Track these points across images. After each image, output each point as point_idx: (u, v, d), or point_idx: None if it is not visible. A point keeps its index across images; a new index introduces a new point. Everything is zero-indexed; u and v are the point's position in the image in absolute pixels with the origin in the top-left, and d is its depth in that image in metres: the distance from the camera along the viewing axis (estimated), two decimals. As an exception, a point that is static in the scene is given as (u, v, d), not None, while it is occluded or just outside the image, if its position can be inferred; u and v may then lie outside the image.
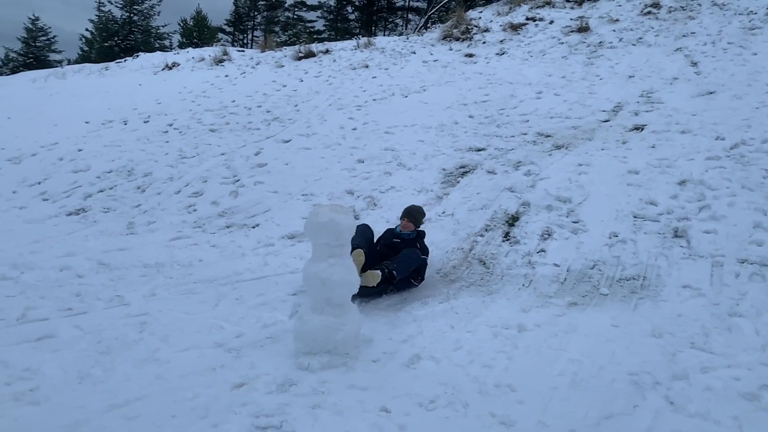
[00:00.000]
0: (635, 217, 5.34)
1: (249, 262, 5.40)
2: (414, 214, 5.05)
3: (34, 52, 48.23)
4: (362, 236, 4.71)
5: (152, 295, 4.47)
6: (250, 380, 3.13)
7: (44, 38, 49.81)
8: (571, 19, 12.15)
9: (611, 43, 10.63)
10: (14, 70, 36.68)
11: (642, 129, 7.16)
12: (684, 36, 10.20)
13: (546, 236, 5.28)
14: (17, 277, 4.85)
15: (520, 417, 2.80)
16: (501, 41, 11.94)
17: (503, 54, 11.26)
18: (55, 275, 4.96)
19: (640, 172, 6.05)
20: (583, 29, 11.41)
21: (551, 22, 12.26)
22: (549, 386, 3.10)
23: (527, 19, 12.68)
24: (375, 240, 5.06)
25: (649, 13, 11.56)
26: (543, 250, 5.07)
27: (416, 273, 4.73)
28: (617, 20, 11.60)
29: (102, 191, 7.49)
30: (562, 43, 11.12)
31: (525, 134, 7.67)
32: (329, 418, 2.73)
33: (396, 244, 4.84)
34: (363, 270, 4.42)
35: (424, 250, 4.88)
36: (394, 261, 4.57)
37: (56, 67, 20.81)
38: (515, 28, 12.33)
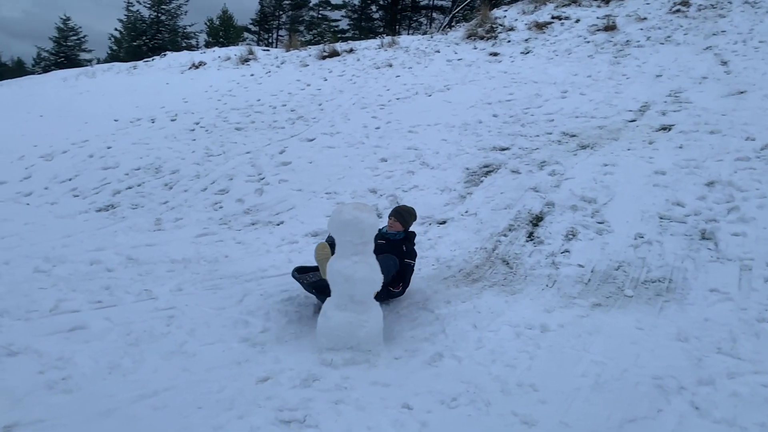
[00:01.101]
0: (661, 218, 5.27)
1: (273, 258, 5.46)
2: (402, 214, 4.70)
3: (65, 52, 49.32)
4: None
5: (179, 290, 4.55)
6: (275, 374, 3.19)
7: (75, 38, 50.91)
8: (597, 18, 12.01)
9: (639, 41, 10.48)
10: (46, 69, 37.55)
11: (669, 129, 7.06)
12: (714, 34, 10.01)
13: (570, 236, 5.24)
14: (50, 270, 4.99)
15: (542, 417, 2.80)
16: (526, 40, 11.86)
17: (528, 53, 11.19)
18: (86, 269, 5.08)
19: (667, 173, 5.96)
20: (610, 28, 11.27)
21: (577, 21, 12.14)
22: (572, 387, 3.09)
23: (553, 17, 12.57)
24: None
25: (678, 11, 11.36)
26: (567, 251, 5.04)
27: (397, 280, 4.35)
28: (645, 18, 11.43)
29: (130, 188, 7.65)
30: (588, 41, 11.00)
31: (550, 134, 7.62)
32: (352, 414, 2.77)
33: (380, 246, 4.37)
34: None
35: (411, 254, 4.53)
36: None
37: (86, 66, 21.22)
38: (540, 26, 12.23)
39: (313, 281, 4.15)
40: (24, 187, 8.09)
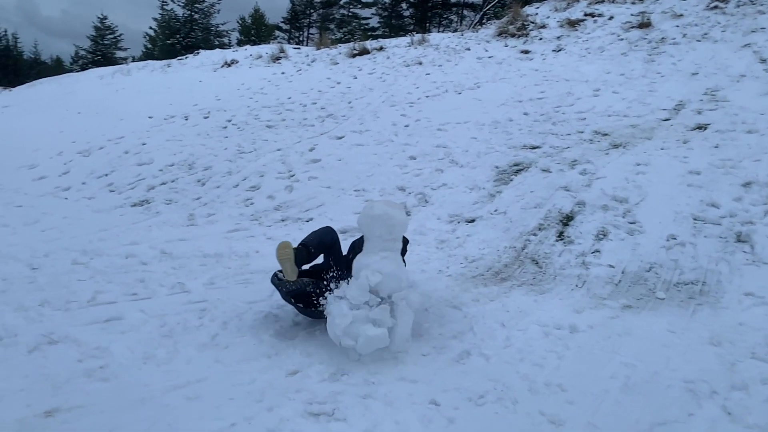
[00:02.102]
0: (695, 219, 5.17)
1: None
2: None
3: (102, 50, 50.60)
4: (317, 238, 3.96)
5: (211, 284, 4.65)
6: (304, 368, 3.24)
7: (111, 36, 52.17)
8: (631, 15, 11.79)
9: (674, 39, 10.26)
10: (83, 67, 38.54)
11: (705, 128, 6.91)
12: (753, 32, 9.74)
13: (601, 237, 5.18)
14: (87, 263, 5.16)
15: (570, 417, 2.79)
16: (558, 37, 11.72)
17: (560, 50, 11.06)
18: (121, 262, 5.24)
19: (702, 173, 5.84)
20: (645, 25, 11.06)
21: (611, 18, 11.94)
22: (600, 388, 3.07)
23: (586, 14, 12.39)
24: (347, 251, 4.21)
25: (715, 7, 11.08)
26: (597, 251, 4.99)
27: None
28: (681, 15, 11.18)
29: (164, 184, 7.83)
30: (622, 39, 10.82)
31: (581, 132, 7.53)
32: (380, 408, 2.80)
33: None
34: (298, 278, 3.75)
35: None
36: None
37: (122, 64, 21.70)
38: (573, 24, 12.07)
39: (292, 289, 3.72)
40: (63, 181, 8.35)
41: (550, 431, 2.72)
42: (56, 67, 53.38)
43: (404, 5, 42.51)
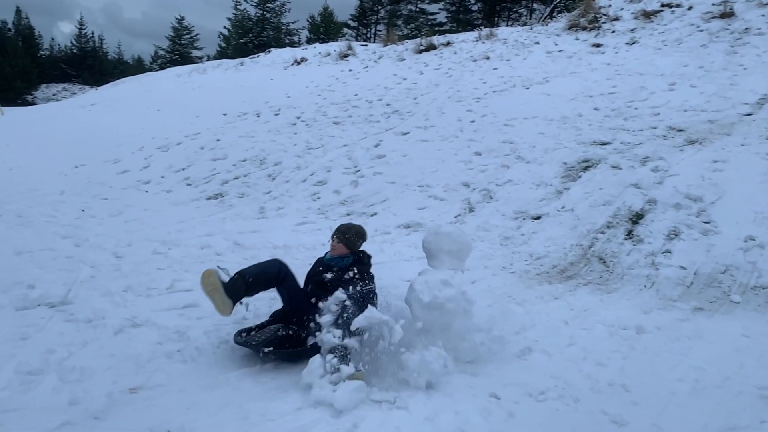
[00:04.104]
0: (778, 220, 4.91)
1: (366, 248, 5.64)
2: (345, 232, 3.80)
3: (179, 49, 52.94)
4: (258, 268, 3.55)
5: (280, 275, 4.84)
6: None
7: (188, 36, 54.50)
8: (713, 4, 11.20)
9: (759, 29, 9.68)
10: (162, 66, 40.52)
11: (792, 124, 6.51)
12: None
13: (673, 236, 5.01)
14: (166, 253, 5.48)
15: (634, 418, 2.75)
16: (632, 30, 11.30)
17: (634, 43, 10.67)
18: (197, 252, 5.53)
19: (787, 172, 5.53)
20: (727, 15, 10.49)
21: (690, 8, 11.39)
22: (667, 391, 3.00)
23: (662, 5, 11.88)
24: (304, 280, 3.80)
25: (808, -6, 10.37)
26: (668, 251, 4.83)
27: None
28: (767, 4, 10.54)
29: (237, 178, 8.17)
30: (702, 30, 10.31)
31: (655, 128, 7.26)
32: (440, 399, 2.86)
33: (332, 280, 3.52)
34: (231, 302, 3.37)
35: (367, 278, 3.62)
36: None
37: (198, 62, 22.67)
38: (648, 15, 11.61)
39: (262, 339, 3.31)
40: (143, 175, 8.86)
41: (612, 431, 2.69)
42: (137, 67, 56.38)
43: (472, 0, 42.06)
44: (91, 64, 57.39)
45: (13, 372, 3.06)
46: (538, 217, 5.91)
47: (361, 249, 3.87)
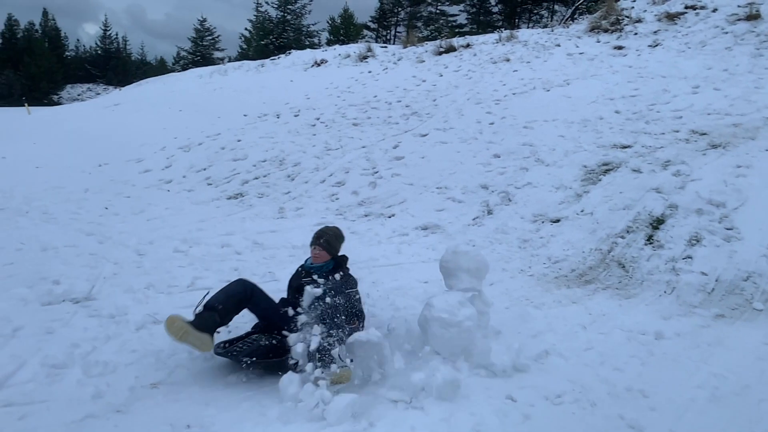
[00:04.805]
0: (803, 226, 4.83)
1: (384, 249, 5.69)
2: (326, 237, 3.78)
3: (201, 51, 53.56)
4: (223, 294, 3.36)
5: (298, 274, 4.89)
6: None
7: (210, 38, 55.13)
8: (738, 6, 11.00)
9: (787, 31, 9.51)
10: (184, 67, 41.02)
11: (819, 128, 6.39)
12: None
13: (694, 242, 4.95)
14: (187, 251, 5.57)
15: (651, 423, 2.74)
16: (655, 32, 11.18)
17: (657, 46, 10.54)
18: (218, 251, 5.61)
19: (813, 177, 5.43)
20: (753, 17, 10.31)
21: (714, 10, 11.22)
22: (685, 397, 2.98)
23: (686, 7, 11.72)
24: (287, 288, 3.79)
25: (837, -4, 10.16)
26: (689, 257, 4.77)
27: (350, 317, 3.39)
28: (796, 6, 10.34)
29: (257, 178, 8.26)
30: (727, 32, 10.15)
31: (677, 132, 7.18)
32: (457, 401, 2.87)
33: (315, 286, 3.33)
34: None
35: (350, 283, 3.59)
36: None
37: (219, 64, 22.93)
38: (672, 17, 11.46)
39: (245, 349, 3.26)
40: (165, 174, 9.00)
41: (630, 436, 2.68)
42: (160, 68, 57.20)
43: (493, 1, 41.90)
44: (115, 65, 58.38)
45: (39, 365, 3.15)
46: (557, 221, 5.88)
47: (340, 253, 3.85)
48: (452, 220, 6.30)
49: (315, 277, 3.47)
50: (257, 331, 3.51)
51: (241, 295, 3.40)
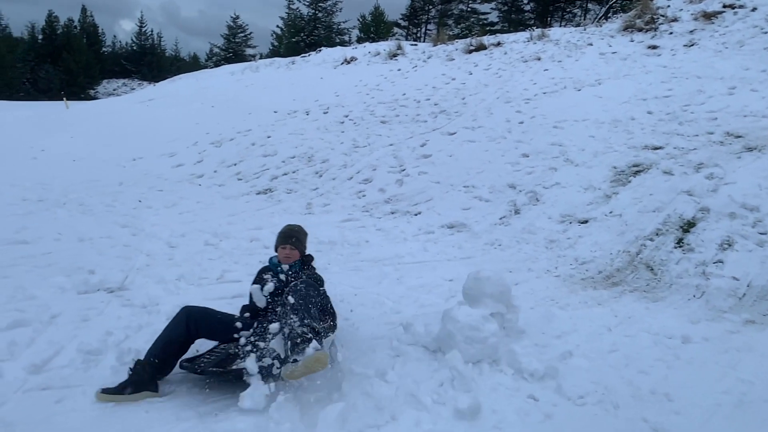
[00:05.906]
0: (840, 232, 4.70)
1: (410, 246, 5.72)
2: (296, 236, 3.72)
3: (234, 48, 54.25)
4: (161, 341, 3.12)
5: (325, 269, 4.95)
6: (410, 353, 3.40)
7: (242, 34, 55.79)
8: (779, 5, 10.72)
9: (830, 31, 9.23)
10: (217, 64, 41.59)
11: None
12: None
13: (726, 246, 4.86)
14: (217, 244, 5.70)
15: (675, 427, 2.72)
16: (691, 31, 10.94)
17: (692, 45, 10.32)
18: (246, 245, 5.72)
19: None
20: (795, 16, 10.02)
21: (754, 9, 10.92)
22: (712, 402, 2.94)
23: (724, 6, 11.43)
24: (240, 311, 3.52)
25: None
26: (720, 261, 4.69)
27: (322, 315, 3.23)
28: (841, 4, 10.01)
29: (286, 174, 8.37)
30: (766, 32, 9.88)
31: (711, 133, 7.03)
32: (479, 398, 2.88)
33: (282, 290, 3.25)
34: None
35: (319, 280, 3.56)
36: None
37: (251, 61, 23.20)
38: (709, 16, 11.20)
39: (212, 359, 3.19)
40: (197, 169, 9.19)
41: (653, 439, 2.67)
42: (193, 64, 58.20)
43: (525, -1, 41.51)
44: (149, 61, 59.59)
45: (76, 351, 3.28)
46: (585, 222, 5.83)
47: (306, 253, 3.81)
48: (478, 219, 6.30)
49: (269, 276, 3.39)
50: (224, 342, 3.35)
51: (183, 337, 3.16)
